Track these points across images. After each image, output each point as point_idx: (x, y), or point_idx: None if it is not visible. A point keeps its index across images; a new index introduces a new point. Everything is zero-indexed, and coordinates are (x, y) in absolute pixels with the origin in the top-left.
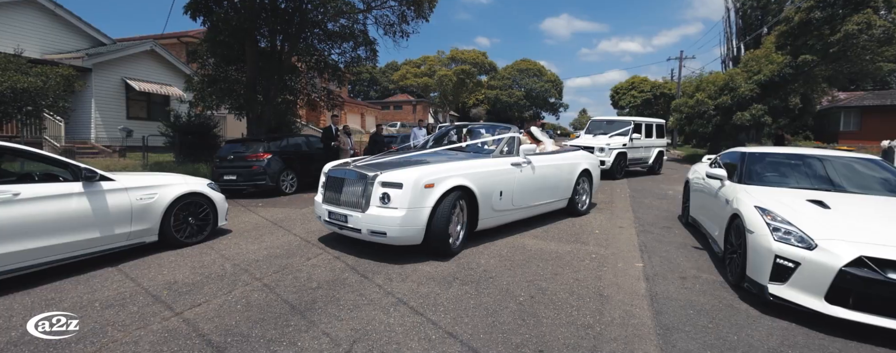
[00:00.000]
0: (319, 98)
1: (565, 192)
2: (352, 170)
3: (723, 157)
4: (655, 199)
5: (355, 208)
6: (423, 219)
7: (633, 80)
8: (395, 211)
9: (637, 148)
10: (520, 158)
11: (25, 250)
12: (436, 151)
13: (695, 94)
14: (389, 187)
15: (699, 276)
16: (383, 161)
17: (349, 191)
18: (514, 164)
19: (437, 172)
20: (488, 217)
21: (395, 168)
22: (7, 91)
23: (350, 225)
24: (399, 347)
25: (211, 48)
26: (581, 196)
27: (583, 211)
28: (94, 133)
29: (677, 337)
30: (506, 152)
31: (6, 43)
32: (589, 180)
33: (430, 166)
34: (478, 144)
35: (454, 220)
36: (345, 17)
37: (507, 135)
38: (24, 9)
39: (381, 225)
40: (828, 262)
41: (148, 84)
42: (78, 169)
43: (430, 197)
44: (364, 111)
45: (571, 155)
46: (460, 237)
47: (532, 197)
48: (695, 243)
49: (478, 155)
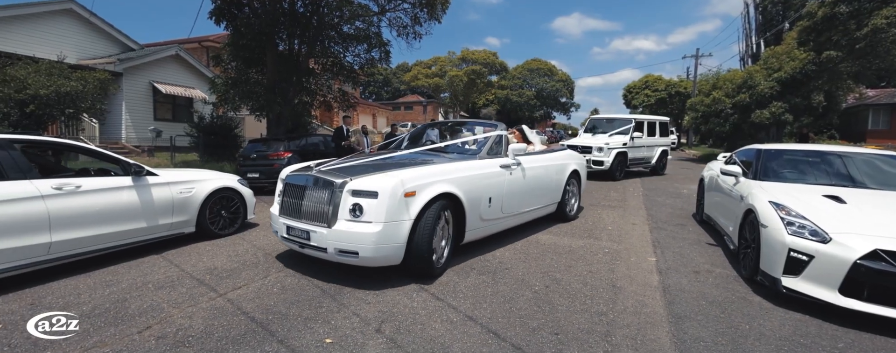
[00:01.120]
0: (334, 99)
1: (555, 195)
2: (315, 175)
3: (739, 154)
4: (669, 197)
5: (320, 223)
6: (402, 235)
7: (647, 78)
8: (369, 226)
9: (639, 147)
10: (509, 159)
11: (86, 237)
12: (414, 153)
13: (711, 92)
14: (362, 196)
15: (712, 270)
16: (354, 165)
17: (312, 201)
18: (503, 166)
19: (418, 178)
20: (476, 228)
21: (368, 173)
22: (52, 95)
23: (313, 243)
24: (423, 327)
25: (233, 52)
26: (570, 200)
27: (572, 216)
28: (125, 133)
29: (689, 325)
30: (493, 153)
31: (48, 50)
32: (578, 182)
33: (409, 171)
34: (459, 144)
35: (439, 233)
36: (360, 20)
37: (494, 133)
38: (62, 17)
39: (351, 243)
40: (842, 255)
41: (173, 87)
42: (128, 165)
43: (412, 208)
44: (376, 112)
45: (559, 155)
46: (445, 254)
47: (522, 203)
48: (709, 239)
49: (462, 157)
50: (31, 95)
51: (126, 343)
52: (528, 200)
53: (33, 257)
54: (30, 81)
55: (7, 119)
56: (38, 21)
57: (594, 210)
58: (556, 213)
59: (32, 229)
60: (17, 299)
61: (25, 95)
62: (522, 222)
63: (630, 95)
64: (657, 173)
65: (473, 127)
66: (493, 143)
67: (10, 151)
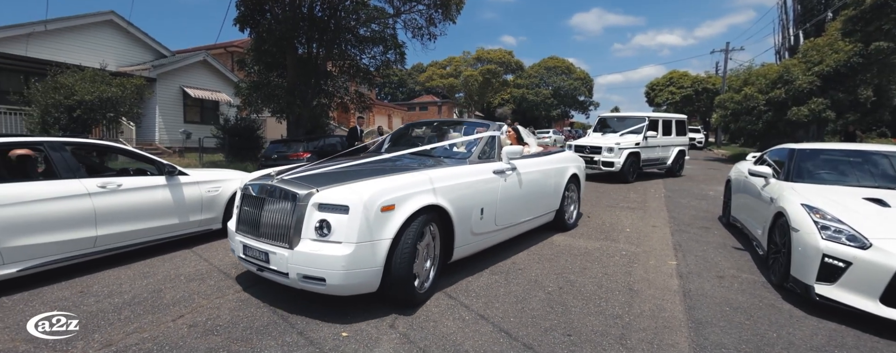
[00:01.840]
0: (351, 100)
1: (553, 203)
2: (275, 185)
3: (771, 154)
4: (693, 199)
5: (280, 242)
6: (379, 257)
7: (672, 75)
8: (339, 247)
9: (653, 147)
10: (503, 163)
11: (126, 232)
12: (396, 157)
13: (742, 88)
14: (330, 210)
15: (738, 275)
16: (323, 172)
17: (272, 216)
18: (496, 172)
19: (398, 188)
20: (466, 244)
21: (338, 182)
22: (96, 100)
23: (273, 267)
24: (436, 325)
25: (256, 57)
26: (569, 207)
27: (571, 225)
28: (158, 135)
29: (710, 331)
30: (485, 156)
31: (91, 58)
32: (577, 187)
33: (388, 179)
34: (447, 146)
35: (423, 253)
36: (376, 23)
37: (486, 134)
38: (104, 28)
39: (317, 268)
40: (884, 262)
41: (201, 91)
42: (162, 165)
43: (390, 224)
44: (391, 112)
45: (558, 157)
46: (430, 277)
47: (519, 212)
48: (736, 243)
49: (450, 161)
50: (78, 101)
51: (162, 330)
52: (524, 209)
53: (82, 250)
54: (77, 87)
55: (58, 123)
56: (83, 32)
57: (612, 212)
58: (554, 222)
59: (81, 223)
60: (68, 286)
61: (73, 100)
62: (518, 234)
63: (653, 92)
64: (673, 175)
65: (463, 127)
66: (486, 145)
67: (63, 153)
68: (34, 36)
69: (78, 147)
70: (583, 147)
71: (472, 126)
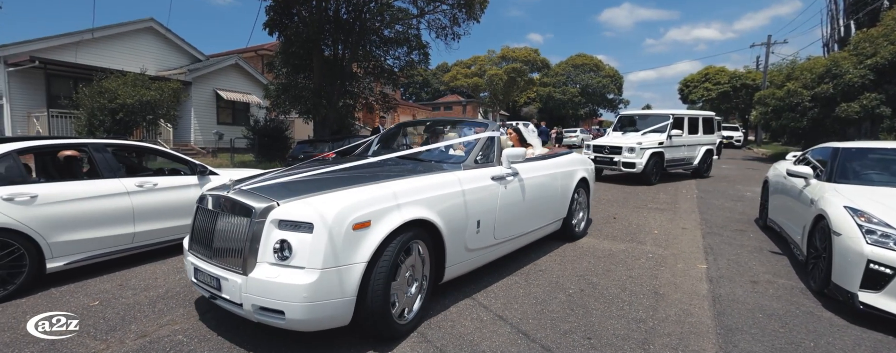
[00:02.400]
0: (376, 101)
1: (560, 210)
2: (230, 196)
3: (813, 153)
4: (728, 200)
5: (233, 267)
6: (350, 285)
7: (708, 71)
8: (300, 274)
9: (678, 147)
10: (503, 167)
11: (162, 229)
12: (380, 162)
13: (785, 83)
14: (292, 228)
15: (774, 281)
16: (291, 180)
17: (225, 234)
18: (495, 177)
19: (375, 200)
20: (460, 262)
21: (304, 193)
22: (136, 103)
23: (225, 295)
24: (453, 324)
25: (284, 59)
26: (577, 214)
27: (579, 233)
28: (193, 136)
29: (740, 338)
30: (482, 161)
31: (133, 63)
32: (586, 192)
33: (364, 189)
34: (442, 148)
35: (406, 276)
36: (400, 24)
37: (484, 135)
38: (144, 34)
39: (275, 299)
40: None
41: (233, 93)
42: (194, 165)
43: (365, 244)
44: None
45: (565, 160)
46: (416, 305)
47: (521, 223)
48: (773, 247)
49: (442, 167)
50: (120, 105)
51: (192, 323)
52: (528, 218)
53: (121, 246)
54: (119, 92)
55: (102, 125)
56: (125, 39)
57: (639, 213)
58: (561, 231)
59: (121, 220)
60: (109, 279)
61: (116, 104)
62: (520, 247)
63: (687, 89)
64: (700, 176)
65: (459, 127)
66: (483, 147)
67: (104, 154)
68: (82, 43)
69: (118, 148)
70: (602, 147)
71: (468, 126)
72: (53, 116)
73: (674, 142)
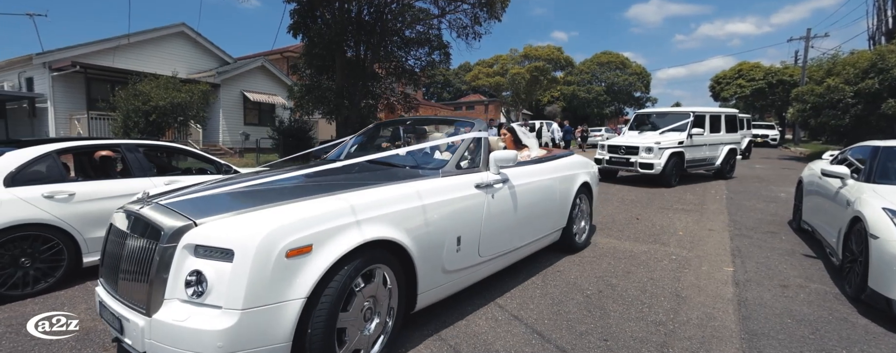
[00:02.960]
0: (397, 101)
1: (559, 220)
2: (141, 214)
3: (853, 152)
4: (761, 201)
5: (136, 304)
6: (282, 329)
7: (741, 67)
8: (215, 315)
9: (699, 146)
10: (491, 173)
11: None
12: (345, 168)
13: (825, 79)
14: (209, 255)
15: (806, 285)
16: (225, 191)
17: (130, 260)
18: (481, 186)
19: (321, 218)
20: (436, 286)
21: (233, 209)
22: (168, 105)
23: (127, 340)
24: (468, 323)
25: (307, 61)
26: (579, 223)
27: (581, 245)
28: (222, 137)
29: (766, 343)
30: (466, 166)
31: (165, 66)
32: (589, 198)
33: (310, 204)
34: (426, 151)
35: (361, 312)
36: (421, 24)
37: (468, 136)
38: (176, 38)
39: (183, 347)
40: None
41: (259, 95)
42: (220, 165)
43: (303, 276)
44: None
45: (565, 163)
46: (379, 344)
47: (512, 237)
48: (807, 250)
49: (417, 173)
50: (153, 107)
51: None
52: (520, 231)
53: None
54: (152, 94)
55: (137, 127)
56: (158, 43)
57: (664, 214)
58: (560, 242)
59: None
60: None
61: (149, 106)
62: (512, 263)
63: (718, 86)
64: (723, 177)
65: (443, 127)
66: (467, 151)
67: (136, 154)
68: (119, 48)
69: (149, 149)
70: (617, 147)
71: (453, 126)
72: (93, 118)
73: (694, 141)
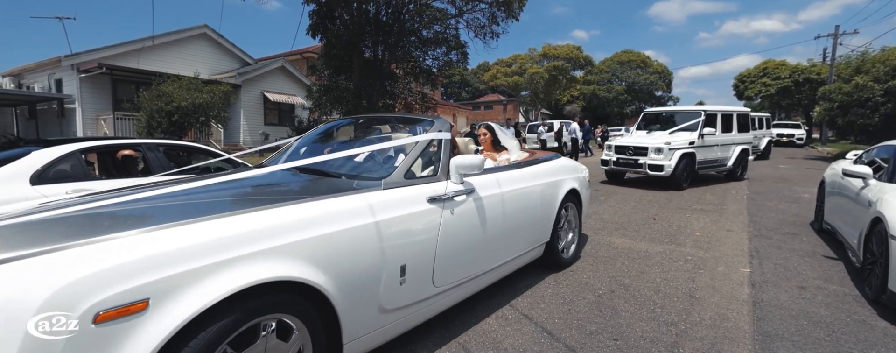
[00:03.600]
0: (415, 101)
1: (540, 233)
2: None
3: (878, 151)
4: (783, 202)
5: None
6: None
7: (766, 65)
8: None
9: (710, 147)
10: (451, 182)
11: None
12: (261, 177)
13: (853, 77)
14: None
15: (824, 287)
16: (64, 214)
17: None
18: (436, 199)
19: (169, 256)
20: (371, 332)
21: (36, 244)
22: (190, 106)
23: None
24: (477, 321)
25: (325, 61)
26: (566, 235)
27: (568, 260)
28: (242, 137)
29: (779, 345)
30: (420, 175)
31: (187, 67)
32: (577, 207)
33: (163, 234)
34: (375, 154)
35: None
36: (438, 24)
37: (426, 137)
38: (198, 40)
39: None
40: None
41: (279, 95)
42: (238, 164)
43: (131, 349)
44: (455, 112)
45: (548, 167)
46: None
47: (478, 260)
48: (828, 252)
49: (352, 185)
50: (176, 107)
51: None
52: (489, 252)
53: None
54: (175, 95)
55: (160, 127)
56: (181, 44)
57: (682, 214)
58: (544, 258)
59: None
60: None
61: (171, 106)
62: (481, 289)
63: (742, 85)
64: (735, 178)
65: (401, 127)
66: (421, 156)
67: (156, 153)
68: (144, 50)
69: (168, 148)
70: (625, 148)
71: (412, 125)
72: (118, 118)
73: (706, 141)
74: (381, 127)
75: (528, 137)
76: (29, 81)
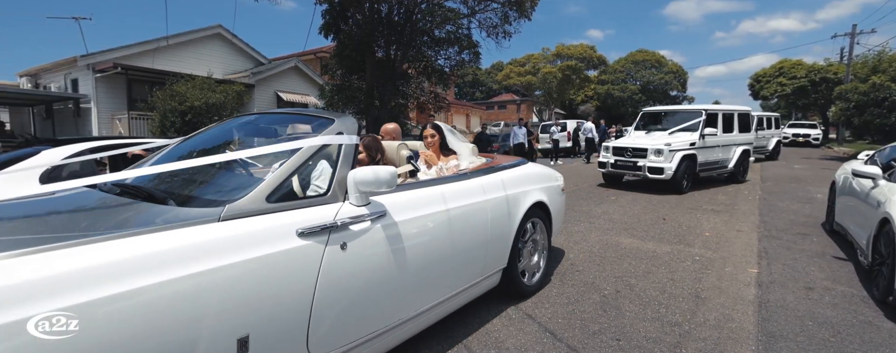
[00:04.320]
0: (428, 101)
1: (493, 259)
2: None
3: (892, 151)
4: (795, 202)
5: None
6: None
7: (782, 64)
8: None
9: (711, 148)
10: (349, 204)
11: None
12: (60, 200)
13: (870, 77)
14: None
15: (832, 288)
16: None
17: None
18: (311, 232)
19: None
20: None
21: None
22: (203, 105)
23: None
24: (480, 321)
25: (338, 61)
26: (530, 257)
27: (533, 287)
28: None
29: (783, 346)
30: (298, 195)
31: (201, 67)
32: (545, 223)
33: None
34: (237, 164)
35: None
36: (450, 24)
37: (314, 142)
38: (212, 40)
39: None
40: None
41: (292, 95)
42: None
43: None
44: (469, 112)
45: (507, 177)
46: None
47: (389, 308)
48: (838, 252)
49: (177, 215)
50: (189, 107)
51: None
52: (406, 294)
53: None
54: (188, 95)
55: (173, 126)
56: (196, 45)
57: (692, 214)
58: (502, 287)
59: None
60: None
61: (185, 106)
62: (400, 343)
63: (758, 84)
64: (736, 180)
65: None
66: (299, 169)
67: None
68: (158, 50)
69: None
70: (623, 149)
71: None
72: (133, 118)
73: (707, 142)
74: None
75: (541, 137)
76: (46, 80)
